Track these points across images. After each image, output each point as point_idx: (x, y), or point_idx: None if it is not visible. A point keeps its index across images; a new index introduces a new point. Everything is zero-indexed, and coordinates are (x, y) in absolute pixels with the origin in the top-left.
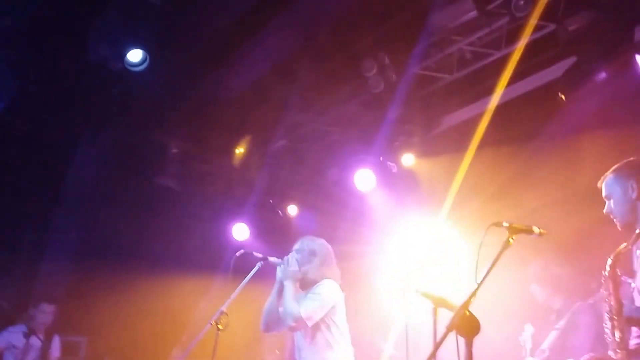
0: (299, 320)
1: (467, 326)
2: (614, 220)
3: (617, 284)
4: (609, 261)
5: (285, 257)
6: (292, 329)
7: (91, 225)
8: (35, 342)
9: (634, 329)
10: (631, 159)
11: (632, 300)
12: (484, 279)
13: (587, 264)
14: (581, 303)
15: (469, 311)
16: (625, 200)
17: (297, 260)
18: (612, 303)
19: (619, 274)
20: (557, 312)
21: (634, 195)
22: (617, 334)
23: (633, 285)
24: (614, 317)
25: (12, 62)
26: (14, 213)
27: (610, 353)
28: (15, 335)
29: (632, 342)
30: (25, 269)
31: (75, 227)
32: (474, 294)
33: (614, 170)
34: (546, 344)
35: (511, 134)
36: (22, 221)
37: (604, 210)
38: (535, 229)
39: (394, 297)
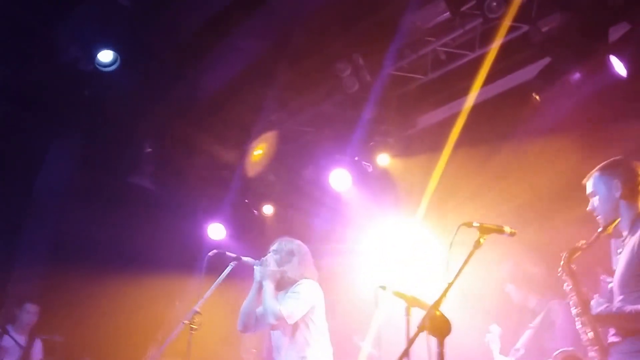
0: (280, 318)
1: (438, 326)
2: (597, 218)
3: (576, 280)
4: (563, 257)
5: (264, 258)
6: (273, 328)
7: (64, 225)
8: (9, 342)
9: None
10: (617, 157)
11: (610, 299)
12: (455, 279)
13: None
14: (556, 301)
15: (439, 311)
16: (609, 199)
17: (275, 260)
18: (576, 300)
19: (574, 269)
20: (532, 310)
21: (618, 194)
22: (588, 331)
23: (611, 285)
24: (581, 314)
25: None
26: None
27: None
28: None
29: (610, 339)
30: None
31: (48, 227)
32: (444, 293)
33: (600, 169)
34: (520, 342)
35: (486, 135)
36: None
37: (588, 208)
38: (507, 229)
39: (369, 295)
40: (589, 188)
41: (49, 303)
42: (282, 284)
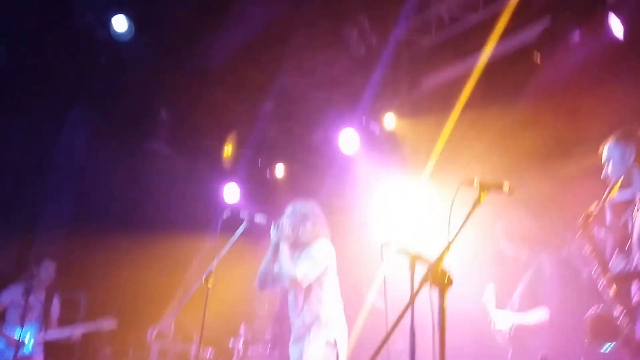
0: (295, 281)
1: (440, 280)
2: (610, 183)
3: (594, 242)
4: (580, 223)
5: (279, 221)
6: (289, 289)
7: (85, 188)
8: (35, 301)
9: (635, 283)
10: (631, 126)
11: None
12: (455, 235)
13: (561, 218)
14: (545, 254)
15: (442, 266)
16: (623, 164)
17: (290, 224)
18: (595, 261)
19: (592, 233)
20: (524, 263)
21: (631, 159)
22: (611, 290)
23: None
24: (601, 274)
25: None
26: (8, 180)
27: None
28: (17, 293)
29: (635, 298)
30: (22, 233)
31: (69, 191)
32: (446, 249)
33: (615, 136)
34: (516, 295)
35: (490, 96)
36: (17, 186)
37: (602, 175)
38: (506, 186)
39: (376, 251)
40: (604, 155)
41: (72, 263)
42: (298, 245)
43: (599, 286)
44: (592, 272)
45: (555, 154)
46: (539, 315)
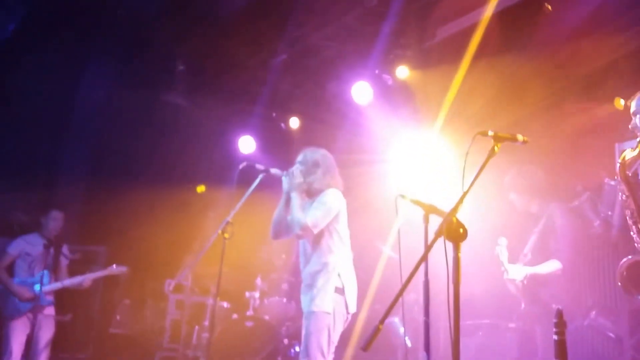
0: (306, 228)
1: (455, 232)
2: (638, 134)
3: (631, 187)
4: (618, 167)
5: (290, 170)
6: (299, 237)
7: (103, 141)
8: (44, 251)
9: None
10: None
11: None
12: (470, 186)
13: (571, 169)
14: (556, 204)
15: (456, 218)
16: None
17: (301, 171)
18: (632, 207)
19: (629, 177)
20: (535, 215)
21: None
22: None
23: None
24: (637, 221)
25: None
26: (28, 135)
27: None
28: (28, 244)
29: None
30: (42, 185)
31: (88, 144)
32: (460, 201)
33: None
34: (527, 247)
35: (501, 46)
36: (37, 139)
37: (630, 126)
38: (519, 137)
39: (390, 203)
40: (633, 107)
41: (92, 215)
42: (310, 193)
43: (632, 232)
44: (628, 218)
45: (565, 105)
46: (552, 266)
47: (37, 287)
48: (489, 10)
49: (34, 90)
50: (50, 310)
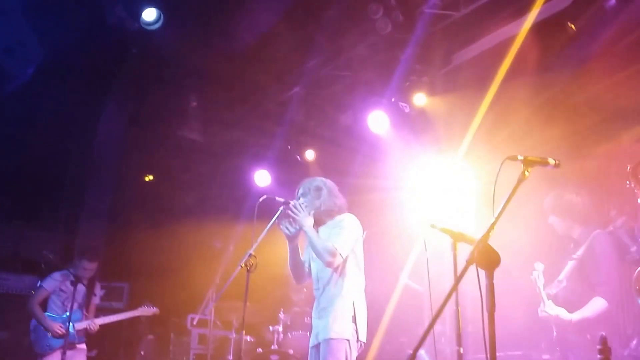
0: (334, 254)
1: (487, 259)
2: None
3: None
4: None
5: (292, 204)
6: (329, 265)
7: (123, 180)
8: (81, 288)
9: None
10: None
11: None
12: (501, 212)
13: (605, 192)
14: (599, 231)
15: (488, 244)
16: None
17: (305, 202)
18: None
19: None
20: (575, 241)
21: None
22: None
23: None
24: None
25: (37, 29)
26: (52, 172)
27: None
28: (62, 281)
29: None
30: (66, 224)
31: (108, 183)
32: (492, 227)
33: None
34: (563, 274)
35: (524, 68)
36: (59, 182)
37: None
38: (551, 160)
39: (410, 230)
40: None
41: (115, 252)
42: (320, 219)
43: None
44: None
45: (596, 129)
46: (597, 306)
47: (70, 324)
48: (506, 33)
49: (53, 132)
50: (82, 346)
